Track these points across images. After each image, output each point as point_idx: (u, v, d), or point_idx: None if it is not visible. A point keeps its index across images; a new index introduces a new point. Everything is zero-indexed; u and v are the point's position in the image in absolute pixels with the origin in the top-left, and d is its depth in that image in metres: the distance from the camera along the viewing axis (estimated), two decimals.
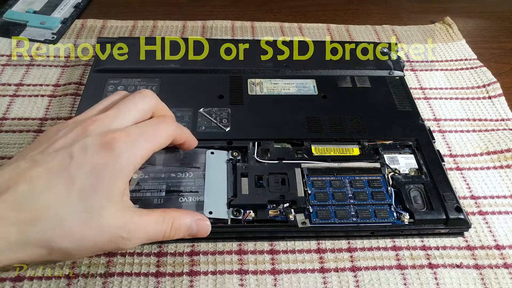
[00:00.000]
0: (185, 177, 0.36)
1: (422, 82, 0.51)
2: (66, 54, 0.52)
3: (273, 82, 0.46)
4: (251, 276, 0.33)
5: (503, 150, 0.43)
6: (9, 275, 0.32)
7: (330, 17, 0.63)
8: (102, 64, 0.46)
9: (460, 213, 0.35)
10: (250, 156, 0.38)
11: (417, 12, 0.65)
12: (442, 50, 0.56)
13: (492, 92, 0.50)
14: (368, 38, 0.58)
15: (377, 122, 0.42)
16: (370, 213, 0.35)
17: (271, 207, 0.35)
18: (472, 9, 0.66)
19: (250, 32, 0.58)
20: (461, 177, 0.41)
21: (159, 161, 0.37)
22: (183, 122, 0.41)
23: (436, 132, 0.45)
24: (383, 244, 0.36)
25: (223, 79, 0.46)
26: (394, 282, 0.33)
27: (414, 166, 0.40)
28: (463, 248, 0.36)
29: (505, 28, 0.63)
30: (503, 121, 0.47)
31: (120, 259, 0.34)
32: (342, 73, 0.48)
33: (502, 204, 0.39)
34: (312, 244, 0.35)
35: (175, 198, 0.35)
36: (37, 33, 0.54)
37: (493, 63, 0.55)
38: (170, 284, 0.32)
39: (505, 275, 0.34)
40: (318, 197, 0.36)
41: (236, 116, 0.42)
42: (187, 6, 0.63)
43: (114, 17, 0.59)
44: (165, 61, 0.47)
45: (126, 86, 0.44)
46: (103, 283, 0.32)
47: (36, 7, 0.58)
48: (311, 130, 0.41)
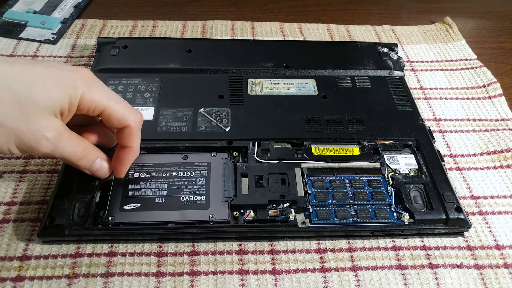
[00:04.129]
0: (186, 177, 0.37)
1: (422, 82, 0.51)
2: (66, 54, 0.52)
3: (273, 82, 0.46)
4: (251, 276, 0.33)
5: (503, 150, 0.43)
6: (10, 275, 0.32)
7: (330, 17, 0.63)
8: (102, 64, 0.46)
9: (460, 213, 0.35)
10: (250, 156, 0.38)
11: (417, 12, 0.65)
12: (442, 50, 0.56)
13: (492, 92, 0.50)
14: (368, 38, 0.58)
15: (377, 122, 0.42)
16: (370, 213, 0.36)
17: (271, 207, 0.35)
18: (472, 9, 0.67)
19: (250, 32, 0.58)
20: (461, 177, 0.41)
21: (160, 161, 0.37)
22: (183, 122, 0.41)
23: (436, 132, 0.45)
24: (383, 244, 0.36)
25: (223, 79, 0.46)
26: (395, 282, 0.33)
27: (414, 166, 0.40)
28: (463, 248, 0.36)
29: (505, 28, 0.63)
30: (503, 121, 0.47)
31: (120, 259, 0.34)
32: (342, 73, 0.48)
33: (502, 204, 0.39)
34: (312, 244, 0.35)
35: (176, 197, 0.35)
36: (37, 33, 0.54)
37: (493, 63, 0.56)
38: (171, 284, 0.32)
39: (505, 275, 0.34)
40: (318, 197, 0.36)
41: (236, 116, 0.42)
42: (187, 6, 0.63)
43: (114, 17, 0.59)
44: (165, 61, 0.47)
45: (126, 86, 0.44)
46: (103, 283, 0.32)
47: (36, 7, 0.58)
48: (311, 130, 0.41)
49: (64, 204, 0.34)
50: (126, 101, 0.33)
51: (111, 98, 0.32)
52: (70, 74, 0.30)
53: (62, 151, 0.30)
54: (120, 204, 0.34)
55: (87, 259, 0.33)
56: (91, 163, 0.33)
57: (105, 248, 0.34)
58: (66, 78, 0.30)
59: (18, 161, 0.40)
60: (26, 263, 0.33)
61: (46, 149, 0.29)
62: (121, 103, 0.32)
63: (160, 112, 0.42)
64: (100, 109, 0.31)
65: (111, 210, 0.34)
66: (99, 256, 0.34)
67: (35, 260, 0.33)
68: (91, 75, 0.31)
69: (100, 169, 0.34)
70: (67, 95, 0.29)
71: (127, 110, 0.32)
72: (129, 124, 0.32)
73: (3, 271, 0.32)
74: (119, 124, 0.32)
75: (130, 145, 0.33)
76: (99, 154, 0.33)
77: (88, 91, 0.30)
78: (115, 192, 0.35)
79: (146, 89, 0.44)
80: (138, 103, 0.42)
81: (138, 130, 0.33)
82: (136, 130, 0.33)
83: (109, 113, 0.31)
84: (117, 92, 0.43)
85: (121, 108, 0.32)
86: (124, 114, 0.32)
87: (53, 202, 0.34)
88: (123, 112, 0.32)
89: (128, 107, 0.33)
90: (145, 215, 0.34)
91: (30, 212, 0.36)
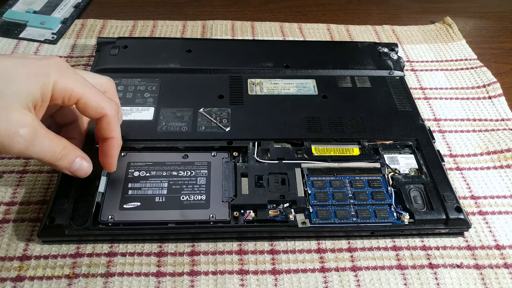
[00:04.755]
0: (187, 176, 0.37)
1: (422, 82, 0.51)
2: (66, 54, 0.52)
3: (273, 82, 0.46)
4: (251, 276, 0.33)
5: (503, 150, 0.43)
6: (10, 275, 0.32)
7: (330, 17, 0.63)
8: (102, 64, 0.46)
9: (460, 213, 0.35)
10: (250, 156, 0.38)
11: (417, 12, 0.65)
12: (442, 50, 0.56)
13: (492, 92, 0.50)
14: (368, 38, 0.58)
15: (377, 122, 0.42)
16: (370, 213, 0.36)
17: (271, 207, 0.35)
18: (472, 9, 0.67)
19: (250, 32, 0.58)
20: (461, 177, 0.41)
21: (160, 160, 0.37)
22: (183, 122, 0.41)
23: (436, 132, 0.45)
24: (383, 244, 0.36)
25: (223, 79, 0.46)
26: (395, 282, 0.33)
27: (414, 166, 0.40)
28: (463, 248, 0.36)
29: (505, 28, 0.63)
30: (503, 121, 0.47)
31: (120, 259, 0.34)
32: (342, 73, 0.48)
33: (502, 204, 0.39)
34: (312, 244, 0.35)
35: (176, 196, 0.35)
36: (37, 33, 0.54)
37: (493, 63, 0.56)
38: (171, 284, 0.32)
39: (505, 275, 0.34)
40: (318, 197, 0.36)
41: (236, 116, 0.42)
42: (187, 6, 0.63)
43: (114, 17, 0.59)
44: (165, 61, 0.47)
45: (126, 86, 0.44)
46: (103, 283, 0.32)
47: (36, 7, 0.58)
48: (311, 130, 0.41)
49: (64, 204, 0.34)
50: (101, 91, 0.32)
51: (86, 85, 0.30)
52: (40, 63, 0.28)
53: (38, 149, 0.28)
54: (120, 203, 0.34)
55: (87, 259, 0.33)
56: (70, 163, 0.31)
57: (105, 248, 0.34)
58: (36, 66, 0.28)
59: (18, 161, 0.40)
60: (26, 263, 0.33)
61: (21, 146, 0.27)
62: (96, 91, 0.31)
63: (160, 112, 0.42)
64: (75, 97, 0.30)
65: (110, 209, 0.34)
66: (99, 256, 0.34)
67: (35, 260, 0.33)
68: (63, 62, 0.30)
69: (80, 169, 0.32)
70: (38, 84, 0.27)
71: (102, 98, 0.31)
72: (106, 113, 0.31)
73: (3, 271, 0.32)
74: (96, 113, 0.31)
75: (111, 135, 0.32)
76: (78, 152, 0.32)
77: (60, 79, 0.29)
78: (114, 190, 0.35)
79: (146, 89, 0.44)
80: (138, 103, 0.42)
81: (116, 119, 0.32)
82: (115, 119, 0.32)
83: (85, 101, 0.30)
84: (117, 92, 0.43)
85: (97, 97, 0.31)
86: (99, 102, 0.31)
87: (53, 202, 0.34)
88: (98, 100, 0.31)
89: (103, 96, 0.32)
90: (145, 214, 0.34)
91: (30, 212, 0.36)
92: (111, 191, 0.35)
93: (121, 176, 0.36)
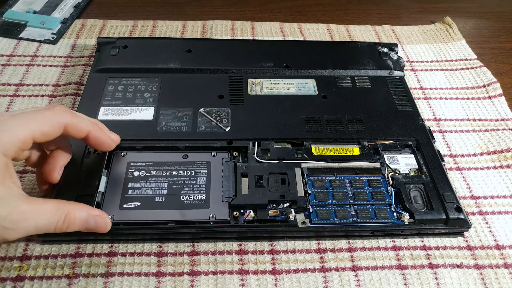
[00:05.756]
0: (187, 176, 0.37)
1: (422, 82, 0.51)
2: (66, 54, 0.52)
3: (273, 82, 0.46)
4: (251, 276, 0.33)
5: (503, 150, 0.43)
6: (10, 275, 0.32)
7: (330, 17, 0.63)
8: (102, 64, 0.46)
9: (460, 213, 0.35)
10: (250, 156, 0.38)
11: (417, 12, 0.65)
12: (442, 50, 0.56)
13: (492, 92, 0.50)
14: (368, 38, 0.58)
15: (377, 122, 0.42)
16: (370, 213, 0.36)
17: (271, 207, 0.35)
18: (472, 9, 0.67)
19: (250, 32, 0.58)
20: (461, 177, 0.41)
21: (160, 159, 0.37)
22: (183, 122, 0.41)
23: (436, 132, 0.45)
24: (383, 244, 0.36)
25: (223, 79, 0.46)
26: (395, 282, 0.33)
27: (414, 166, 0.40)
28: (463, 248, 0.36)
29: (505, 28, 0.63)
30: (503, 121, 0.47)
31: (120, 259, 0.34)
32: (342, 73, 0.48)
33: (502, 204, 0.39)
34: (312, 244, 0.35)
35: (176, 196, 0.35)
36: (37, 33, 0.54)
37: (493, 63, 0.56)
38: (171, 284, 0.32)
39: (505, 275, 0.34)
40: (318, 197, 0.36)
41: (236, 116, 0.42)
42: (187, 6, 0.63)
43: (114, 17, 0.59)
44: (165, 61, 0.47)
45: (126, 86, 0.44)
46: (103, 283, 0.32)
47: (36, 7, 0.58)
48: (311, 130, 0.41)
49: None
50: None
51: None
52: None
53: (36, 228, 0.26)
54: (120, 203, 0.34)
55: (87, 259, 0.33)
56: (81, 225, 0.29)
57: (105, 248, 0.34)
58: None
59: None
60: (26, 263, 0.33)
61: (14, 236, 0.25)
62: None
63: (160, 112, 0.42)
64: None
65: (110, 209, 0.34)
66: (99, 256, 0.34)
67: (35, 260, 0.33)
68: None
69: (97, 227, 0.30)
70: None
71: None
72: (64, 122, 0.30)
73: (3, 271, 0.32)
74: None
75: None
76: (86, 209, 0.30)
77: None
78: (114, 190, 0.35)
79: (146, 89, 0.44)
80: (138, 103, 0.42)
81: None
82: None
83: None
84: (117, 92, 0.43)
85: None
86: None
87: None
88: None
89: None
90: (145, 213, 0.34)
91: None
92: (111, 190, 0.35)
93: (121, 176, 0.36)
